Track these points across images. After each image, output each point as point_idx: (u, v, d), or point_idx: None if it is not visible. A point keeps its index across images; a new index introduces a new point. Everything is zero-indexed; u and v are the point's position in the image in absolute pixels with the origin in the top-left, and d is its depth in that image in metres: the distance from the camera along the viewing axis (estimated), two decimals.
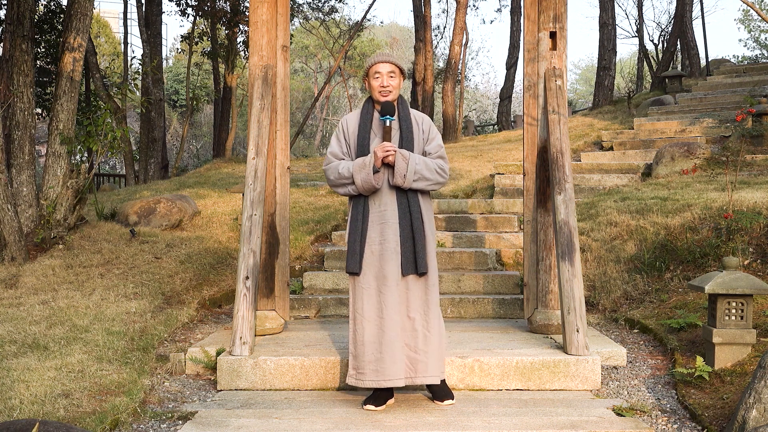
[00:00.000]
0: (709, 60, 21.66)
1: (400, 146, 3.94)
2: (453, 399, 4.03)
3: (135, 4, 22.04)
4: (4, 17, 11.79)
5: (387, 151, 3.84)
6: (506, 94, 23.06)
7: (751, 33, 35.71)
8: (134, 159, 16.93)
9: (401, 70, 4.05)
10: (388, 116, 3.93)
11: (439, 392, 4.04)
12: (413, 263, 3.88)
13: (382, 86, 3.99)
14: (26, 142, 7.79)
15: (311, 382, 4.37)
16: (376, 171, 3.88)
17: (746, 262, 5.81)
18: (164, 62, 23.70)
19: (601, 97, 18.53)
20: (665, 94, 16.35)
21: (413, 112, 4.10)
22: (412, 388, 4.20)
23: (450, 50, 19.59)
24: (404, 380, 3.87)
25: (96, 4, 27.35)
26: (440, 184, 4.00)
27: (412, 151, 3.95)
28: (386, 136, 3.92)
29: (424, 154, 4.01)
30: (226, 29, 18.61)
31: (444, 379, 4.06)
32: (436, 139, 4.06)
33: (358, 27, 22.92)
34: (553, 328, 5.10)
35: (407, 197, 3.93)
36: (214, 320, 5.96)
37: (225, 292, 6.42)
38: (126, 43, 20.43)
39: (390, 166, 3.90)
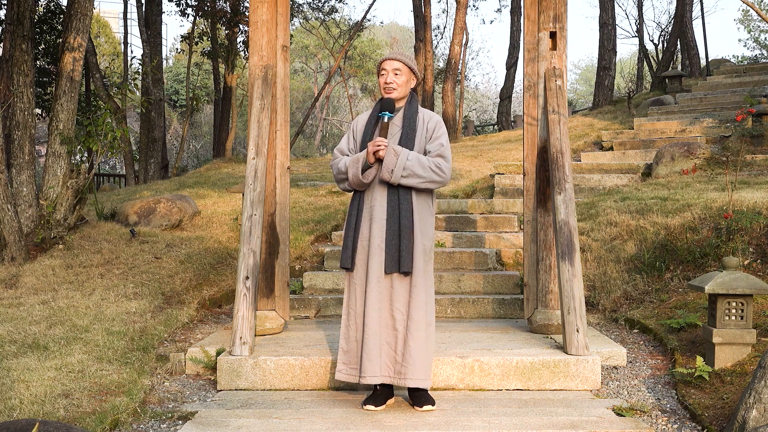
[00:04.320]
0: (709, 60, 21.64)
1: (400, 143, 3.91)
2: (433, 405, 3.91)
3: (135, 4, 22.05)
4: (4, 17, 11.80)
5: (378, 145, 3.84)
6: (506, 94, 23.04)
7: (751, 33, 35.71)
8: (134, 159, 16.93)
9: (410, 69, 4.01)
10: (386, 113, 3.93)
11: (419, 397, 3.92)
12: (396, 261, 3.83)
13: (386, 83, 3.99)
14: (26, 142, 7.79)
15: (311, 382, 4.37)
16: (369, 166, 3.87)
17: (746, 262, 5.81)
18: (164, 62, 23.70)
19: (601, 97, 18.53)
20: (665, 94, 16.34)
21: (424, 111, 4.06)
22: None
23: (450, 50, 19.59)
24: (381, 378, 3.84)
25: (96, 4, 27.35)
26: (437, 183, 3.90)
27: (411, 149, 3.91)
28: (383, 131, 3.91)
29: (425, 152, 3.97)
30: (226, 29, 18.61)
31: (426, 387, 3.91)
32: (439, 138, 3.98)
33: (358, 27, 22.92)
34: (553, 328, 5.10)
35: (398, 194, 3.89)
36: (214, 320, 5.96)
37: (225, 292, 6.42)
38: (126, 43, 20.44)
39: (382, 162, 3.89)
